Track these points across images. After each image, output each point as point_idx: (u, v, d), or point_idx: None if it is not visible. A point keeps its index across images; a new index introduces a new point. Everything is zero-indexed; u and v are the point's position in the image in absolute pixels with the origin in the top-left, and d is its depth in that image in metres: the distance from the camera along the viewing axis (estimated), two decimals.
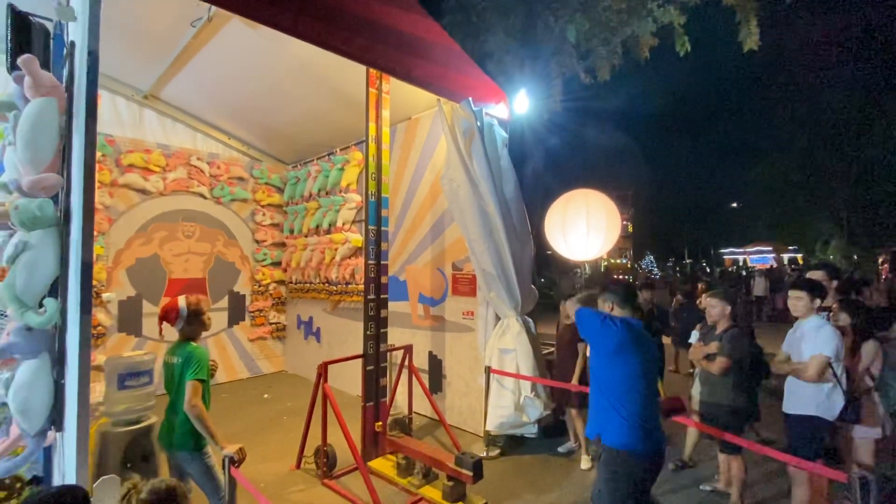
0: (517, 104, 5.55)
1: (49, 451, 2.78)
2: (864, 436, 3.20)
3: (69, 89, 2.36)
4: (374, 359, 4.09)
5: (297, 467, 4.07)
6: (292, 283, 7.43)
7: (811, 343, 2.92)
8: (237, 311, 7.14)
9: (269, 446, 4.49)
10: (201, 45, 4.57)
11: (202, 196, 6.66)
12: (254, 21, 3.13)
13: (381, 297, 4.17)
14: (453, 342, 5.13)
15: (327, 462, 3.89)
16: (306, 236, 6.96)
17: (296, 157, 7.43)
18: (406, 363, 4.56)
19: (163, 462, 3.02)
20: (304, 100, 5.47)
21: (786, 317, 3.32)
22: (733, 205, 39.10)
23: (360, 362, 4.08)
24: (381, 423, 4.07)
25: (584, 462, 4.09)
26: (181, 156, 6.42)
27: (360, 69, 3.96)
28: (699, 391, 3.51)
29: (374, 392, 4.08)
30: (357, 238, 6.13)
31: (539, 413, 4.26)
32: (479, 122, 4.36)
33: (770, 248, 31.29)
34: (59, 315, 2.25)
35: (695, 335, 3.72)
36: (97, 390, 3.39)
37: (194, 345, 2.65)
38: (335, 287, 6.47)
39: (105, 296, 5.66)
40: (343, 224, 6.34)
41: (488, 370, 4.37)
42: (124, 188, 5.94)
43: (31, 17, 2.54)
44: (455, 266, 5.12)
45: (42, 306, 2.26)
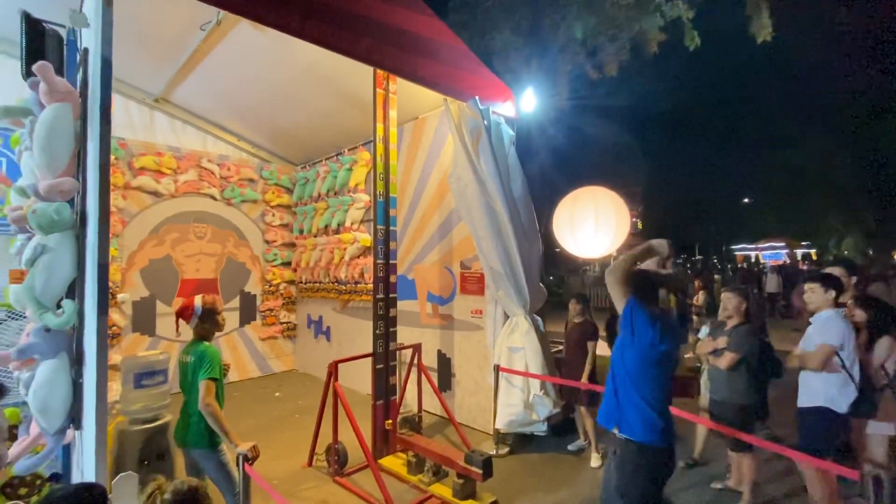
0: (524, 102, 5.54)
1: (68, 449, 2.85)
2: (878, 432, 3.16)
3: (83, 94, 2.41)
4: (384, 357, 4.12)
5: (309, 465, 4.11)
6: (302, 282, 7.49)
7: (819, 334, 2.96)
8: (248, 310, 7.23)
9: (281, 444, 4.54)
10: (210, 48, 4.62)
11: (213, 198, 6.74)
12: (262, 24, 3.17)
13: (390, 296, 4.20)
14: (462, 341, 5.14)
15: (338, 460, 3.92)
16: (315, 236, 7.02)
17: (304, 158, 7.48)
18: (415, 362, 4.58)
19: (179, 459, 3.08)
20: (312, 101, 5.51)
21: (799, 313, 3.29)
22: (745, 200, 38.54)
23: (369, 361, 4.11)
24: (391, 422, 4.10)
25: (594, 460, 4.08)
26: (192, 158, 6.50)
27: (367, 70, 3.98)
28: (706, 387, 3.48)
29: (384, 390, 4.11)
30: (366, 238, 6.16)
31: (548, 411, 4.26)
32: (486, 121, 4.36)
33: (783, 243, 30.82)
34: (77, 316, 2.30)
35: (704, 331, 3.69)
36: (113, 389, 3.46)
37: (207, 344, 2.69)
38: (344, 286, 6.52)
39: (119, 296, 5.76)
40: (352, 224, 6.38)
41: (497, 368, 4.38)
42: (137, 190, 6.03)
43: (44, 24, 2.59)
44: (463, 265, 5.12)
45: (60, 307, 2.32)
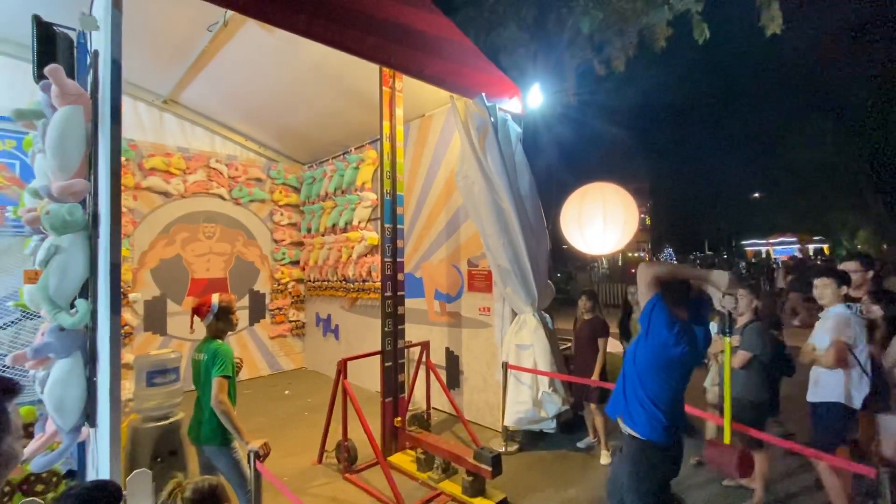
0: (531, 98, 5.52)
1: (83, 447, 2.90)
2: (891, 427, 3.11)
3: (94, 97, 2.44)
4: (392, 355, 4.13)
5: (319, 462, 4.14)
6: (310, 281, 7.53)
7: (831, 330, 2.94)
8: (258, 309, 7.28)
9: (291, 441, 4.58)
10: (217, 49, 4.65)
11: (221, 197, 6.79)
12: (268, 24, 3.18)
13: (398, 294, 4.21)
14: (470, 338, 5.14)
15: (348, 457, 3.95)
16: (323, 235, 7.05)
17: (311, 157, 7.51)
18: (423, 359, 4.59)
19: (191, 456, 3.11)
20: (319, 100, 5.53)
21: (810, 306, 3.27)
22: (755, 195, 38.07)
23: (378, 358, 4.13)
24: (400, 419, 4.11)
25: (604, 457, 4.07)
26: (200, 158, 6.56)
27: (373, 68, 3.98)
28: (713, 383, 3.45)
29: (393, 388, 4.12)
30: (373, 236, 6.18)
31: (557, 408, 4.25)
32: (492, 118, 4.35)
33: (794, 238, 30.42)
34: (90, 315, 2.33)
35: (713, 328, 3.65)
36: (126, 387, 3.51)
37: (219, 342, 2.72)
38: (352, 285, 6.54)
39: (131, 296, 5.84)
40: (359, 222, 6.40)
41: (505, 366, 4.38)
42: (147, 191, 6.10)
43: (55, 28, 2.62)
44: (471, 262, 5.12)
45: (74, 307, 2.35)
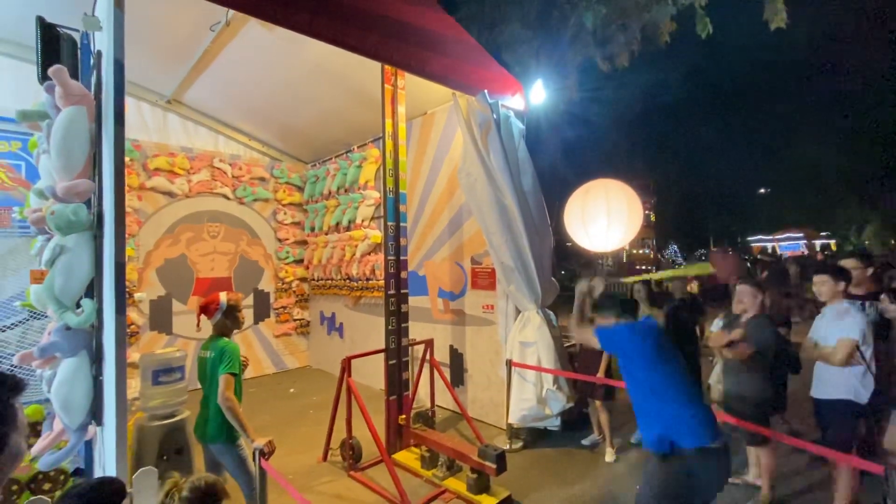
0: (534, 95, 5.49)
1: (90, 445, 2.92)
2: None
3: (98, 97, 2.45)
4: (396, 353, 4.14)
5: (324, 460, 4.16)
6: (314, 279, 7.55)
7: (837, 327, 2.90)
8: (262, 308, 7.31)
9: (296, 439, 4.59)
10: (220, 48, 4.66)
11: (225, 197, 6.82)
12: (270, 22, 3.18)
13: (402, 292, 4.21)
14: (474, 336, 5.14)
15: (353, 454, 3.96)
16: (327, 234, 7.06)
17: (314, 156, 7.52)
18: (427, 357, 4.60)
19: (197, 454, 3.13)
20: (321, 99, 5.53)
21: (817, 303, 3.23)
22: (761, 190, 37.84)
23: (382, 357, 4.13)
24: (404, 417, 4.12)
25: (609, 455, 4.06)
26: (204, 158, 6.58)
27: (375, 66, 3.98)
28: (718, 380, 3.44)
29: (397, 386, 4.13)
30: (376, 234, 6.18)
31: (562, 406, 4.24)
32: (495, 115, 4.34)
33: (801, 234, 30.22)
34: (96, 314, 2.35)
35: (717, 323, 3.63)
36: (132, 386, 3.53)
37: (226, 340, 2.74)
38: (356, 283, 6.56)
39: (137, 296, 5.87)
40: (362, 221, 6.40)
41: (509, 363, 4.37)
42: (151, 191, 6.13)
43: (58, 29, 2.63)
44: (474, 260, 5.11)
45: (79, 307, 2.37)
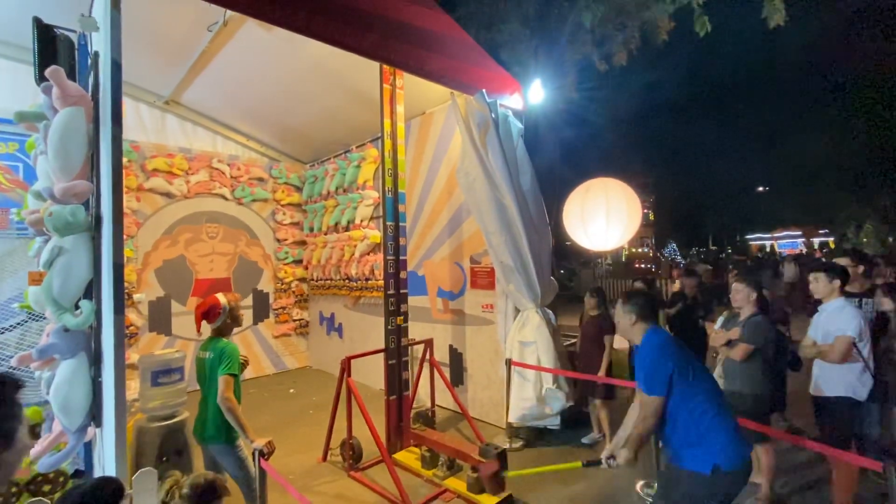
0: (532, 94, 5.49)
1: (90, 446, 2.91)
2: None
3: (95, 98, 2.44)
4: (396, 353, 4.14)
5: (324, 460, 4.15)
6: (313, 280, 7.54)
7: (834, 324, 2.91)
8: (261, 308, 7.30)
9: (296, 439, 4.59)
10: (218, 49, 4.65)
11: (224, 197, 6.81)
12: (267, 23, 3.18)
13: (401, 292, 4.21)
14: (473, 335, 5.14)
15: (353, 454, 3.96)
16: (326, 234, 7.05)
17: (313, 156, 7.52)
18: (427, 357, 4.60)
19: (197, 455, 3.13)
20: (320, 98, 5.52)
21: (818, 302, 3.24)
22: (760, 189, 37.90)
23: (382, 356, 4.13)
24: (404, 416, 4.12)
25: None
26: (203, 159, 6.57)
27: (373, 66, 3.97)
28: (719, 376, 3.44)
29: (397, 386, 4.13)
30: (375, 234, 6.18)
31: (562, 405, 4.24)
32: (493, 114, 4.33)
33: (799, 232, 30.32)
34: (94, 316, 2.34)
35: (719, 322, 3.65)
36: (132, 387, 3.52)
37: (225, 341, 2.73)
38: (355, 283, 6.55)
39: (136, 297, 5.87)
40: (361, 221, 6.40)
41: (509, 362, 4.37)
42: (150, 192, 6.11)
43: (55, 30, 2.62)
44: (473, 259, 5.11)
45: (78, 308, 2.36)
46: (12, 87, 4.43)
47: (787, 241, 31.82)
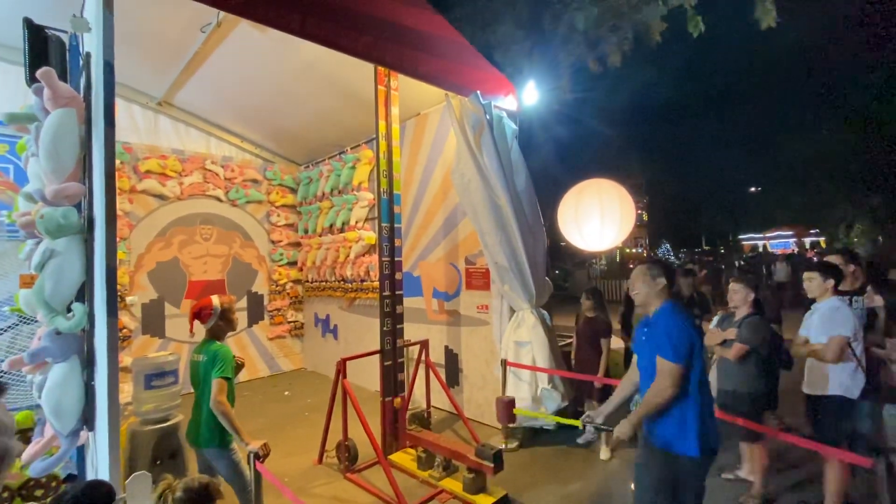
0: (526, 96, 5.50)
1: (82, 451, 2.89)
2: None
3: (87, 99, 2.43)
4: (391, 354, 4.13)
5: (320, 462, 4.14)
6: (308, 282, 7.52)
7: (828, 325, 2.92)
8: (256, 310, 7.27)
9: (291, 442, 4.57)
10: (211, 50, 4.63)
11: (218, 199, 6.77)
12: (261, 24, 3.17)
13: (396, 293, 4.20)
14: (469, 336, 5.14)
15: (349, 456, 3.95)
16: (320, 235, 7.04)
17: (308, 158, 7.50)
18: (423, 358, 4.59)
19: (191, 458, 3.11)
20: (314, 100, 5.51)
21: (811, 302, 3.26)
22: (751, 189, 38.21)
23: (377, 358, 4.12)
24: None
25: (604, 452, 4.08)
26: (196, 160, 6.53)
27: (367, 67, 3.97)
28: (716, 378, 3.46)
29: (393, 387, 4.12)
30: (370, 235, 6.17)
31: (557, 405, 4.25)
32: (488, 116, 4.35)
33: (791, 232, 30.59)
34: (87, 319, 2.32)
35: (714, 321, 3.67)
36: (125, 391, 3.50)
37: (219, 344, 2.72)
38: (350, 285, 6.54)
39: (129, 299, 5.82)
40: (356, 222, 6.39)
41: (504, 363, 4.38)
42: (143, 194, 6.07)
43: (46, 30, 2.60)
44: (468, 260, 5.12)
45: (70, 311, 2.34)
46: (2, 88, 4.39)
47: (778, 242, 32.06)
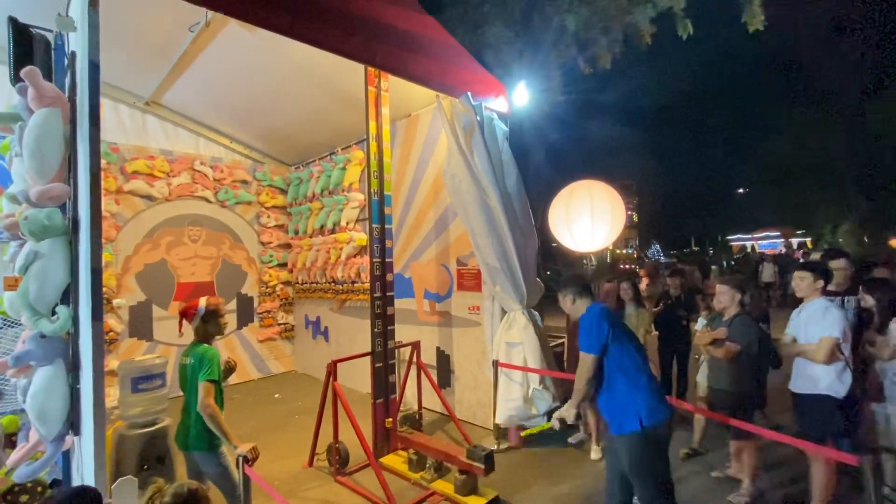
0: (517, 97, 5.54)
1: (68, 455, 2.84)
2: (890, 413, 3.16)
3: (72, 99, 2.39)
4: (383, 356, 4.12)
5: (310, 465, 4.11)
6: (299, 283, 7.48)
7: (818, 325, 2.94)
8: (246, 312, 7.21)
9: (281, 445, 4.54)
10: (200, 49, 4.59)
11: (207, 200, 6.70)
12: (250, 24, 3.15)
13: (388, 294, 4.19)
14: (460, 337, 5.15)
15: (340, 459, 3.93)
16: (311, 237, 7.00)
17: (298, 158, 7.45)
18: (414, 359, 4.59)
19: (179, 463, 3.07)
20: (304, 100, 5.49)
21: (797, 301, 3.31)
22: (740, 190, 38.76)
23: (368, 360, 4.11)
24: (391, 420, 4.10)
25: (595, 452, 4.10)
26: (185, 161, 6.46)
27: (358, 68, 3.96)
28: (706, 377, 3.50)
29: (384, 389, 4.11)
30: (361, 237, 6.15)
31: (548, 405, 4.27)
32: (478, 117, 4.36)
33: (778, 233, 31.05)
34: (72, 322, 2.29)
35: (701, 321, 3.71)
36: (111, 394, 3.44)
37: (206, 346, 2.69)
38: (341, 286, 6.51)
39: (116, 302, 5.74)
40: (347, 223, 6.36)
41: (496, 364, 4.39)
42: (130, 195, 5.99)
43: (31, 29, 2.56)
44: (459, 261, 5.13)
45: (55, 314, 2.31)
46: None
47: (766, 242, 32.53)
